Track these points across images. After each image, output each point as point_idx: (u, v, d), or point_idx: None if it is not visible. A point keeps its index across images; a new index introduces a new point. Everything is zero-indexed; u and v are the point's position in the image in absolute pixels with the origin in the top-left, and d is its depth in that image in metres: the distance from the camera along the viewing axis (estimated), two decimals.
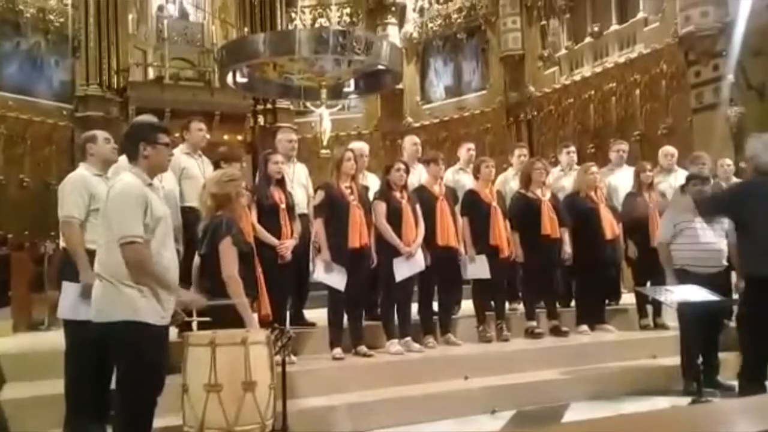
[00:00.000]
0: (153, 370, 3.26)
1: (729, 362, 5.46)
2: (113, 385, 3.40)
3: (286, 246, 5.02)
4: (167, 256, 3.35)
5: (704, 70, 10.89)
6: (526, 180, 6.12)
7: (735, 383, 5.13)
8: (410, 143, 6.55)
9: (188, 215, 4.90)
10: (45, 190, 12.17)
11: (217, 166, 5.13)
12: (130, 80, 14.28)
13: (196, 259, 4.06)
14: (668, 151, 7.07)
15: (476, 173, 6.05)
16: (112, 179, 3.66)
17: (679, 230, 5.17)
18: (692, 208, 4.91)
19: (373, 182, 5.94)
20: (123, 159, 3.74)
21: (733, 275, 5.38)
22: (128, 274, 3.16)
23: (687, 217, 5.15)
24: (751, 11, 9.71)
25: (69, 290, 3.85)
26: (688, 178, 5.50)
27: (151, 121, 4.09)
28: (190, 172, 5.14)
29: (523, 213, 6.00)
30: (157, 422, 3.37)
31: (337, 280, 5.10)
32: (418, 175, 6.12)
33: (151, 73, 14.65)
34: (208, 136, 5.53)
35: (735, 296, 5.44)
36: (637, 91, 12.41)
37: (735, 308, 5.93)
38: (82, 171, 4.05)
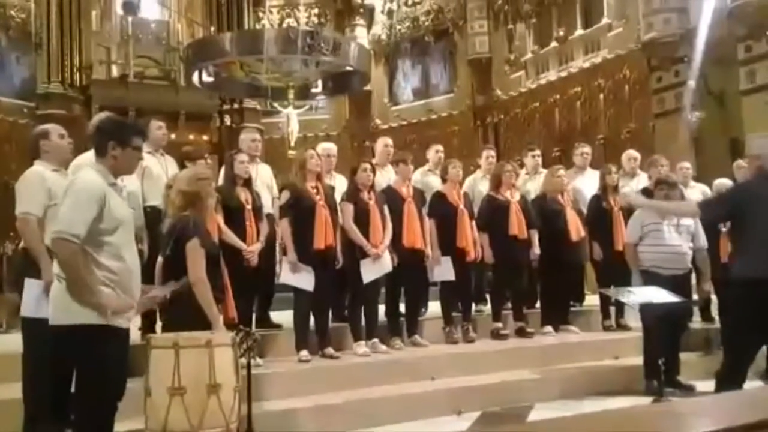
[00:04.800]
0: (114, 374, 3.19)
1: (689, 363, 5.58)
2: (73, 389, 3.32)
3: (253, 251, 4.97)
4: (129, 258, 3.27)
5: (666, 75, 11.13)
6: (496, 182, 6.16)
7: (694, 383, 5.24)
8: (382, 144, 6.57)
9: (149, 215, 4.83)
10: (4, 189, 11.85)
11: (182, 165, 5.07)
12: (93, 78, 14.04)
13: (160, 260, 3.97)
14: (631, 155, 7.18)
15: (444, 175, 6.07)
16: (73, 174, 3.56)
17: (646, 232, 5.25)
18: (660, 212, 4.99)
19: (340, 183, 5.92)
20: (88, 154, 3.65)
21: (693, 277, 5.51)
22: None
23: (654, 218, 5.25)
24: (711, 19, 9.94)
25: (32, 287, 3.74)
26: (656, 183, 5.58)
27: (126, 121, 3.96)
28: (150, 170, 5.05)
29: (493, 215, 6.04)
30: (119, 426, 3.31)
31: (305, 281, 5.06)
32: (388, 177, 6.13)
33: (115, 71, 14.42)
34: (173, 135, 5.47)
35: (695, 297, 5.57)
36: (601, 96, 12.62)
37: (696, 309, 6.08)
38: (39, 167, 3.90)
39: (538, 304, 6.57)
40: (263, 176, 5.70)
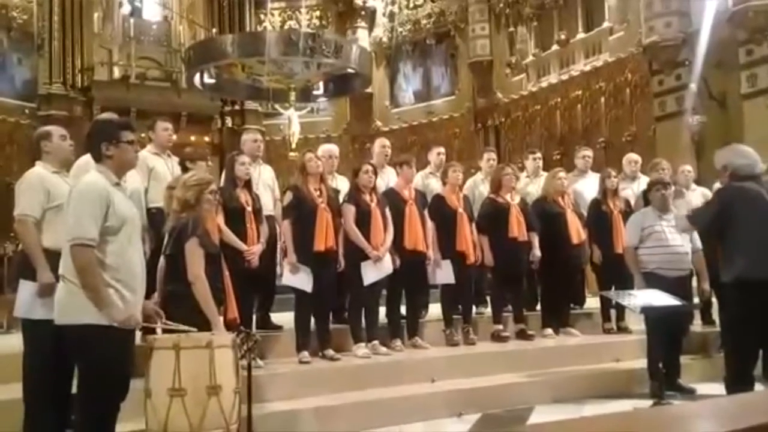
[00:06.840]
0: (117, 375, 3.19)
1: (690, 366, 5.58)
2: (74, 389, 3.33)
3: (253, 252, 4.97)
4: (134, 257, 3.28)
5: (667, 79, 11.13)
6: (497, 185, 6.16)
7: (695, 386, 5.24)
8: (379, 146, 6.57)
9: (155, 216, 4.83)
10: (6, 190, 11.84)
11: (183, 167, 5.08)
12: (94, 79, 14.03)
13: (162, 261, 3.99)
14: (632, 158, 7.18)
15: (444, 178, 6.07)
16: (79, 177, 3.57)
17: (646, 234, 5.24)
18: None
19: (343, 185, 5.92)
20: (89, 157, 3.65)
21: (694, 280, 5.50)
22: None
23: (653, 221, 5.24)
24: (713, 23, 9.94)
25: (25, 288, 3.76)
26: (651, 184, 5.59)
27: (112, 119, 3.97)
28: (156, 172, 5.07)
29: (493, 217, 6.04)
30: (119, 427, 3.32)
31: (304, 281, 5.07)
32: (387, 178, 6.13)
33: (117, 73, 14.42)
34: (174, 137, 5.47)
35: (696, 300, 5.56)
36: (602, 99, 12.62)
37: (696, 312, 6.07)
38: (39, 169, 3.91)
39: (538, 307, 6.58)
40: (265, 177, 5.70)
